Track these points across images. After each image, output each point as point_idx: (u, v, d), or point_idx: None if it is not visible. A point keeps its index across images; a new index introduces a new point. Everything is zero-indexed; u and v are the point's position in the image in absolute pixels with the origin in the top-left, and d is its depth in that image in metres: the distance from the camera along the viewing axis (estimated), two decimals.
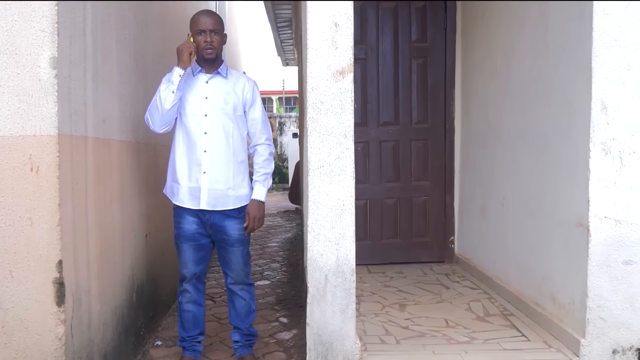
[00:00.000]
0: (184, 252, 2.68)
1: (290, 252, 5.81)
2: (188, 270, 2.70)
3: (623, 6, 2.54)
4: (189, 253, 2.68)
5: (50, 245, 2.05)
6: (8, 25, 2.02)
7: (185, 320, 2.74)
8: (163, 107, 2.55)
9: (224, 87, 2.65)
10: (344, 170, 2.54)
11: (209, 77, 2.65)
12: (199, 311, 2.77)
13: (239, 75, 2.75)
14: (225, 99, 2.62)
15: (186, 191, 2.62)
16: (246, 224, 2.65)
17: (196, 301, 2.74)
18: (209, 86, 2.64)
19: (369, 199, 4.53)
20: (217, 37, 2.61)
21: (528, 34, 3.23)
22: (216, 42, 2.60)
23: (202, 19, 2.61)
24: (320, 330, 2.55)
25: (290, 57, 11.06)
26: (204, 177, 2.59)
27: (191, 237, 2.67)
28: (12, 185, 2.03)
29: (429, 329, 3.06)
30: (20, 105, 2.03)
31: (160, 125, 2.61)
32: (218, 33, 2.61)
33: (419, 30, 4.53)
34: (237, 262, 2.69)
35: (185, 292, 2.73)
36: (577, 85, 2.67)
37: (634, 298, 2.59)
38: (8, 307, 2.06)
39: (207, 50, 2.59)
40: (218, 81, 2.65)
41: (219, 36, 2.62)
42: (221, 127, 2.61)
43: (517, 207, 3.42)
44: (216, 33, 2.60)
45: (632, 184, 2.58)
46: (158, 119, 2.59)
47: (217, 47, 2.61)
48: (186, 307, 2.73)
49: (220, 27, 2.64)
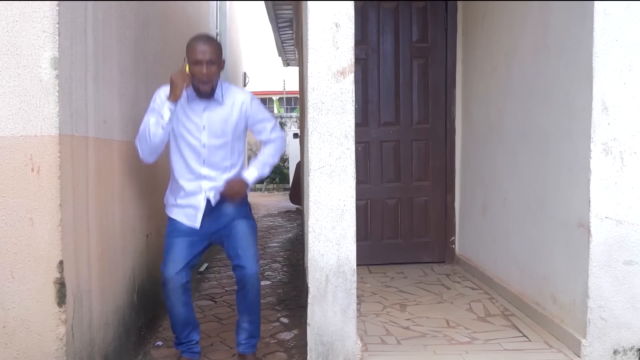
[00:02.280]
0: (175, 247, 2.62)
1: (291, 253, 5.81)
2: (174, 267, 2.59)
3: (624, 6, 2.54)
4: (181, 248, 2.61)
5: (51, 245, 2.05)
6: (9, 25, 2.02)
7: (174, 319, 2.69)
8: (152, 141, 2.53)
9: (221, 114, 2.61)
10: (345, 170, 2.54)
11: (205, 105, 2.59)
12: (188, 309, 2.69)
13: (234, 94, 2.66)
14: (223, 128, 2.61)
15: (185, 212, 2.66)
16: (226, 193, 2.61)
17: (183, 300, 2.65)
18: (205, 116, 2.60)
19: (369, 199, 4.53)
20: (214, 68, 2.51)
21: (529, 34, 3.23)
22: (213, 73, 2.51)
23: (199, 47, 2.50)
24: (321, 330, 2.55)
25: (291, 57, 11.05)
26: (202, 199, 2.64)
27: (186, 232, 2.64)
28: (13, 185, 2.04)
29: (429, 329, 3.06)
30: (21, 106, 2.03)
31: (149, 155, 2.61)
32: (215, 63, 2.51)
33: (419, 30, 4.53)
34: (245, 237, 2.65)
35: (170, 293, 2.61)
36: (578, 86, 2.67)
37: (635, 298, 2.59)
38: (9, 308, 2.06)
39: (203, 85, 2.52)
40: (215, 109, 2.60)
41: (216, 66, 2.52)
42: (220, 153, 2.64)
43: (518, 207, 3.42)
44: (213, 63, 2.50)
45: (633, 184, 2.58)
46: (147, 151, 2.58)
47: (214, 79, 2.53)
48: (174, 308, 2.65)
49: (218, 56, 2.55)
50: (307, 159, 2.63)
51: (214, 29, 6.90)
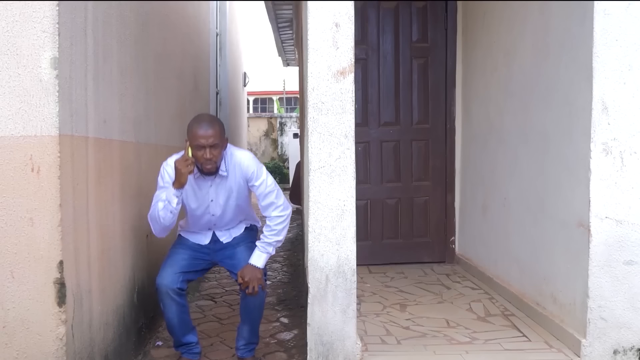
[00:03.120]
0: (177, 255, 2.69)
1: (291, 253, 5.81)
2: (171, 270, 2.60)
3: (624, 6, 2.54)
4: (182, 258, 2.68)
5: (51, 245, 2.05)
6: (9, 25, 2.02)
7: (171, 323, 2.67)
8: (163, 223, 2.59)
9: (226, 185, 2.68)
10: (345, 170, 2.54)
11: (211, 181, 2.66)
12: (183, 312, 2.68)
13: (235, 161, 2.66)
14: (230, 197, 2.69)
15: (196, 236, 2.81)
16: (243, 287, 2.60)
17: (178, 302, 2.63)
18: (212, 190, 2.68)
19: (369, 199, 4.52)
20: (217, 151, 2.53)
21: (529, 34, 3.23)
22: (216, 156, 2.53)
23: (200, 132, 2.49)
24: (321, 330, 2.55)
25: (291, 57, 11.05)
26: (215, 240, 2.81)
27: (193, 248, 2.75)
28: (13, 185, 2.04)
29: (429, 329, 3.06)
30: (21, 106, 2.03)
31: (161, 232, 2.67)
32: (218, 146, 2.53)
33: (419, 30, 4.53)
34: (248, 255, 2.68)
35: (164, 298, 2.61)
36: (578, 85, 2.67)
37: (635, 298, 2.59)
38: (9, 308, 2.06)
39: (207, 167, 2.56)
40: (221, 183, 2.67)
41: (219, 149, 2.54)
42: (229, 217, 2.77)
43: (518, 207, 3.42)
44: (216, 147, 2.52)
45: (633, 184, 2.58)
46: (159, 229, 2.65)
47: (217, 159, 2.56)
48: (169, 312, 2.63)
49: (220, 137, 2.54)
50: (307, 159, 2.63)
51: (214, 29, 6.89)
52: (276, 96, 21.04)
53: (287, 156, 12.86)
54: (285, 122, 15.10)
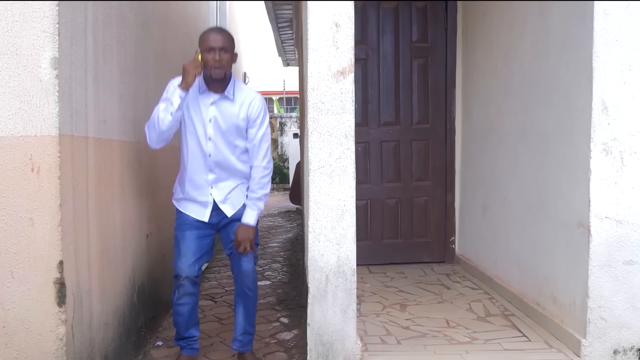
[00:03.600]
0: (184, 241, 2.64)
1: (291, 253, 5.81)
2: (186, 260, 2.61)
3: (624, 6, 2.54)
4: (190, 241, 2.63)
5: (51, 245, 2.05)
6: (9, 25, 2.02)
7: (180, 313, 2.68)
8: (160, 127, 2.53)
9: (229, 110, 2.58)
10: (345, 170, 2.54)
11: (215, 99, 2.58)
12: (194, 303, 2.70)
13: (246, 94, 2.63)
14: (228, 124, 2.58)
15: (193, 206, 2.66)
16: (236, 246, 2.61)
17: (192, 293, 2.66)
18: (213, 109, 2.58)
19: (369, 199, 4.53)
20: (226, 56, 2.52)
21: (529, 34, 3.23)
22: (225, 60, 2.51)
23: (211, 36, 2.54)
24: (321, 330, 2.55)
25: (291, 57, 11.05)
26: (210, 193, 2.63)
27: (194, 225, 2.65)
28: (13, 185, 2.04)
29: (429, 329, 3.06)
30: (21, 106, 2.03)
31: (157, 142, 2.61)
32: (228, 51, 2.53)
33: (419, 30, 4.53)
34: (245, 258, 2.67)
35: (181, 287, 2.64)
36: (578, 85, 2.67)
37: (635, 298, 2.59)
38: (9, 308, 2.06)
39: (215, 70, 2.51)
40: (224, 104, 2.59)
41: (228, 54, 2.53)
42: (225, 150, 2.60)
43: (518, 207, 3.42)
44: (226, 51, 2.52)
45: (633, 184, 2.58)
46: (155, 136, 2.58)
47: (226, 66, 2.53)
48: (183, 301, 2.65)
49: (231, 45, 2.56)
50: (307, 159, 2.63)
51: None
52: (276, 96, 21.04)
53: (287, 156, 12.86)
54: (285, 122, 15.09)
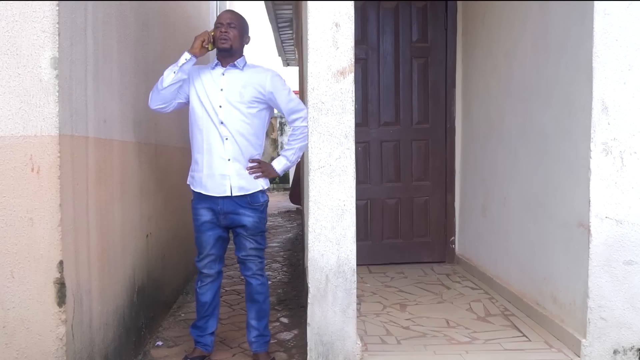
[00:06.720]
0: (203, 235, 2.76)
1: (291, 253, 5.81)
2: (207, 250, 2.76)
3: (624, 6, 2.54)
4: (208, 236, 2.75)
5: (51, 245, 2.05)
6: (9, 25, 2.02)
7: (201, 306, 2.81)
8: (161, 84, 2.67)
9: (240, 80, 2.71)
10: (345, 170, 2.54)
11: (225, 69, 2.73)
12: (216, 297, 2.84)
13: (260, 70, 2.78)
14: (240, 92, 2.69)
15: (204, 178, 2.71)
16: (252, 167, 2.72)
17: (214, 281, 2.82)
18: (224, 78, 2.72)
19: (369, 199, 4.53)
20: (233, 31, 2.70)
21: (529, 34, 3.23)
22: (231, 34, 2.69)
23: (222, 14, 2.79)
24: (321, 330, 2.55)
25: (291, 57, 11.04)
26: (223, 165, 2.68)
27: (209, 226, 2.75)
28: (13, 185, 2.04)
29: (429, 329, 3.06)
30: (21, 106, 2.03)
31: (155, 102, 2.73)
32: (235, 27, 2.71)
33: (419, 30, 4.53)
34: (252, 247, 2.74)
35: (203, 276, 2.80)
36: (578, 85, 2.67)
37: (635, 298, 2.59)
38: (9, 308, 2.06)
39: (221, 40, 2.69)
40: (234, 74, 2.72)
41: (236, 30, 2.71)
42: (236, 119, 2.68)
43: (518, 207, 3.42)
44: (233, 27, 2.71)
45: (633, 184, 2.58)
46: (155, 95, 2.72)
47: (232, 39, 2.70)
48: (203, 290, 2.81)
49: (239, 23, 2.75)
50: (307, 159, 2.63)
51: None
52: None
53: None
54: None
